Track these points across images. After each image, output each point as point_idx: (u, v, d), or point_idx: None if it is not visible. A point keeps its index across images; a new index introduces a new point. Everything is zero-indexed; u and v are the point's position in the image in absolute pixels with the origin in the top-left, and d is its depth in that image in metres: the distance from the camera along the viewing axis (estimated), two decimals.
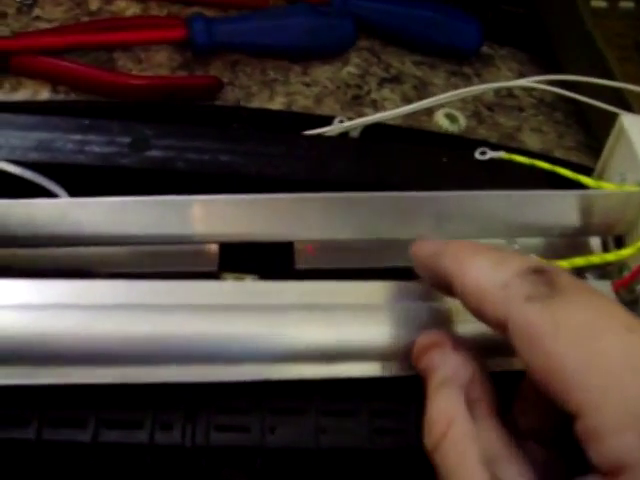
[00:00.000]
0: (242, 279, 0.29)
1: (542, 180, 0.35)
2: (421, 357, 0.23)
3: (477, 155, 0.35)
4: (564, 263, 0.26)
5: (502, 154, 0.34)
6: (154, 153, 0.32)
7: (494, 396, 0.22)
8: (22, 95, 0.40)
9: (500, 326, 0.20)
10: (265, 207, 0.29)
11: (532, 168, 0.34)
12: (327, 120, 0.37)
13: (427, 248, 0.24)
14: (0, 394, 0.24)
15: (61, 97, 0.41)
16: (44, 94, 0.41)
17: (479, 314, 0.21)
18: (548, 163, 0.33)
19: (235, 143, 0.33)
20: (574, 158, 0.45)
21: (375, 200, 0.29)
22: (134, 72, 0.43)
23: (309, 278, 0.29)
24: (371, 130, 0.37)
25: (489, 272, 0.21)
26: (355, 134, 0.36)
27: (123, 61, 0.43)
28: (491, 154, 0.35)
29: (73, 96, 0.41)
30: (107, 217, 0.28)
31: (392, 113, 0.37)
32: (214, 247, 0.31)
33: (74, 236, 0.28)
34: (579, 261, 0.27)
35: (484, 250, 0.22)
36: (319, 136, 0.35)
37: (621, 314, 0.19)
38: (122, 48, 0.43)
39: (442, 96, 0.38)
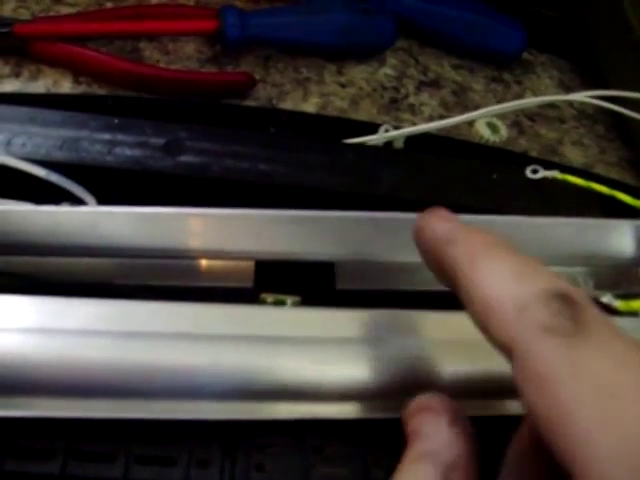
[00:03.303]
0: (283, 301, 0.27)
1: (595, 202, 0.33)
2: (412, 418, 0.20)
3: (528, 173, 0.33)
4: (622, 305, 0.25)
5: (556, 174, 0.32)
6: (189, 158, 0.30)
7: None
8: (42, 84, 0.38)
9: (503, 349, 0.17)
10: (306, 225, 0.27)
11: (586, 189, 0.32)
12: (368, 126, 0.35)
13: (437, 229, 0.20)
14: (22, 425, 0.21)
15: (83, 88, 0.38)
16: (65, 84, 0.38)
17: (481, 326, 0.17)
18: (605, 186, 0.31)
19: (276, 150, 0.30)
20: (615, 175, 0.43)
21: None
22: (161, 64, 0.40)
23: (351, 299, 0.27)
24: (414, 138, 0.35)
25: (506, 284, 0.17)
26: (399, 143, 0.34)
27: (149, 52, 0.41)
28: (543, 173, 0.33)
29: (95, 87, 0.39)
30: (137, 228, 0.26)
31: (439, 124, 0.35)
32: (249, 264, 0.29)
33: (103, 247, 0.26)
34: (635, 305, 0.25)
35: (505, 251, 0.18)
36: (364, 146, 0.33)
37: None
38: (148, 38, 0.41)
39: (488, 109, 0.36)
